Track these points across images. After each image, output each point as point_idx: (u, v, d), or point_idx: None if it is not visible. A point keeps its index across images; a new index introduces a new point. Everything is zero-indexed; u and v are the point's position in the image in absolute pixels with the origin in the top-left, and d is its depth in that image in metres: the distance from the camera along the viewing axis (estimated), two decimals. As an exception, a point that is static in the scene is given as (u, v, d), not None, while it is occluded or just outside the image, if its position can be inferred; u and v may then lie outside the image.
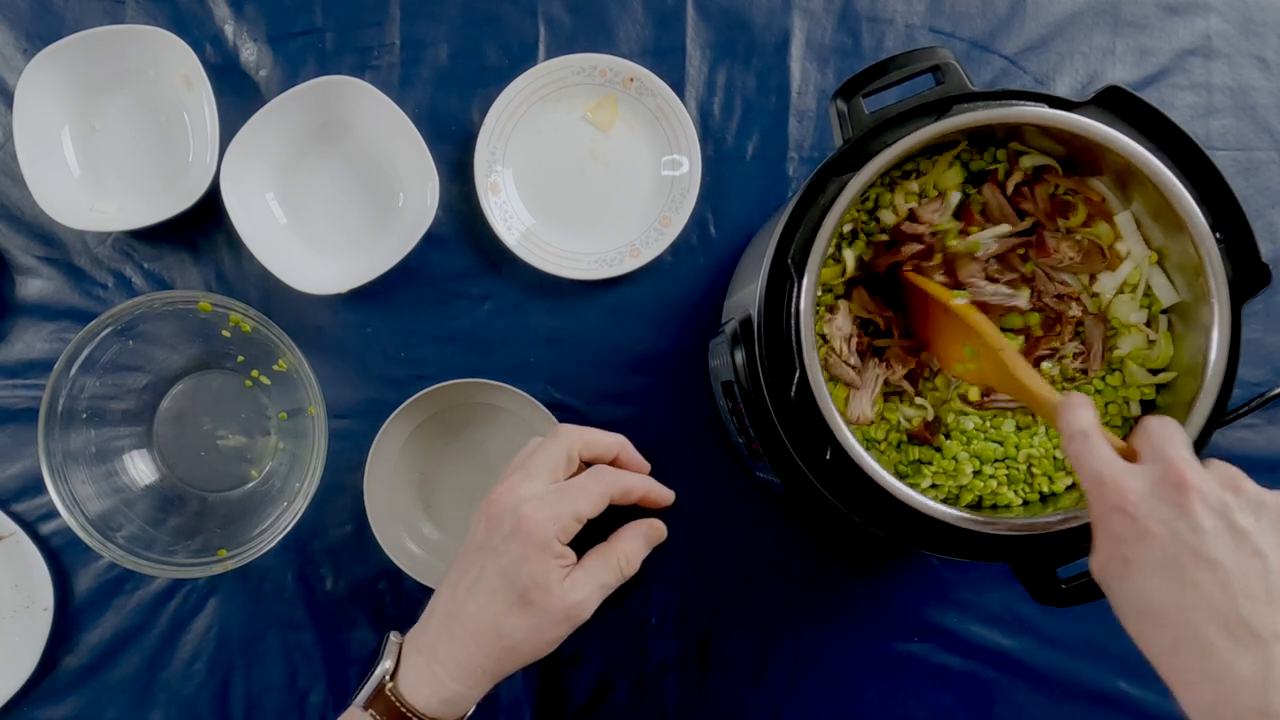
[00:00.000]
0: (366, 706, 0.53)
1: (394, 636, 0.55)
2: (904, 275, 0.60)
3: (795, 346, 0.54)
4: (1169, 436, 0.47)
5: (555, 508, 0.51)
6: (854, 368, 0.59)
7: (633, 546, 0.54)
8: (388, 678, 0.52)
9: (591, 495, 0.53)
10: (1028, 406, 0.58)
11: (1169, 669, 0.44)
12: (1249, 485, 0.45)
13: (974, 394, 0.60)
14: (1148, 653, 0.45)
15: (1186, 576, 0.42)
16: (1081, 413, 0.49)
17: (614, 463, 0.59)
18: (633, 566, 0.54)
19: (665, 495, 0.57)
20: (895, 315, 0.61)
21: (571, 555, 0.52)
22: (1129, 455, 0.48)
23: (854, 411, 0.59)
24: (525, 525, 0.51)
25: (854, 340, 0.59)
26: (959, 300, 0.58)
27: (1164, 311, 0.59)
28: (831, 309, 0.59)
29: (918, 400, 0.61)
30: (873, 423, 0.60)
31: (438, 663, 0.51)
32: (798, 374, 0.53)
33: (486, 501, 0.54)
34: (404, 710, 0.51)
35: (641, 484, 0.56)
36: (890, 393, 0.61)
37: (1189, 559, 0.42)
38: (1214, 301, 0.53)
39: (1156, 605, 0.43)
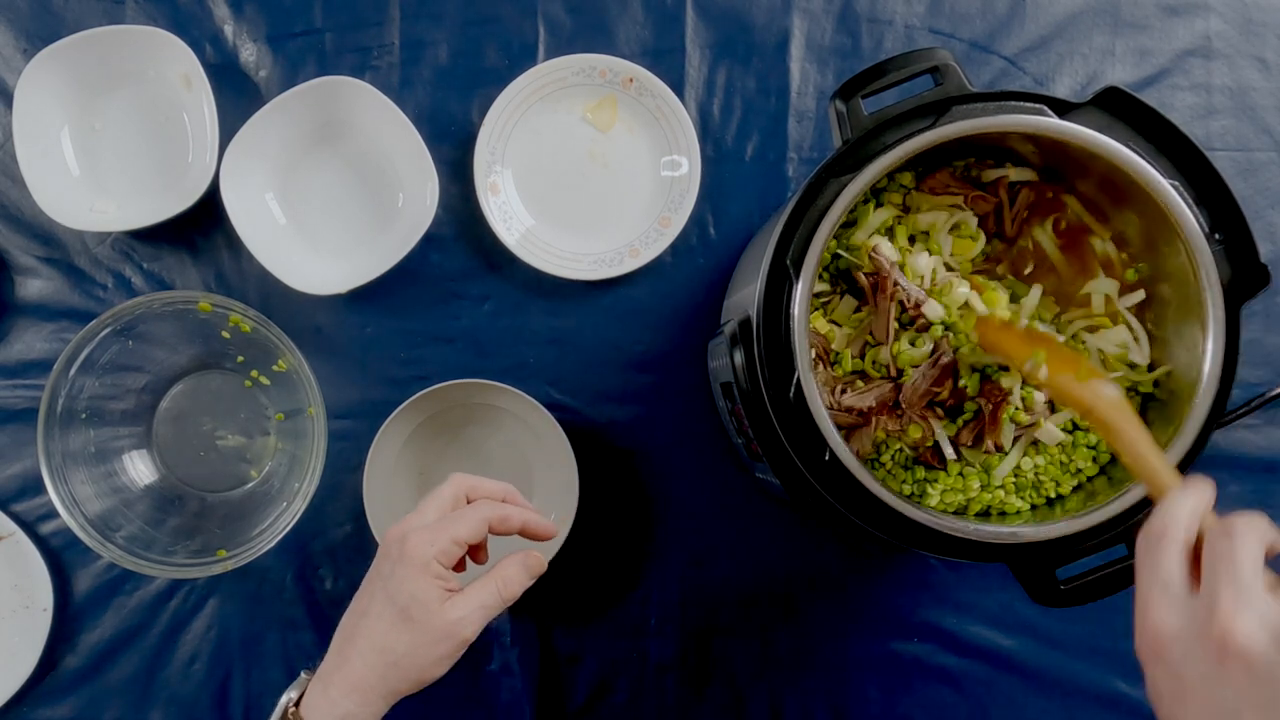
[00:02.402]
0: None
1: (304, 674, 0.59)
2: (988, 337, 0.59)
3: (791, 349, 0.54)
4: (1233, 556, 0.40)
5: (434, 533, 0.55)
6: (853, 414, 0.60)
7: (512, 572, 0.58)
8: (291, 705, 0.57)
9: (469, 521, 0.56)
10: (1130, 470, 0.52)
11: None
12: None
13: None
14: None
15: None
16: (1180, 510, 0.43)
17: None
18: (511, 590, 0.57)
19: (546, 527, 0.60)
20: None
21: (454, 579, 0.56)
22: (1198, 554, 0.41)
23: (855, 445, 0.60)
24: (407, 549, 0.55)
25: (839, 391, 0.60)
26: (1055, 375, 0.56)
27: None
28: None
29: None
30: (875, 456, 0.61)
31: (333, 685, 0.55)
32: (795, 376, 0.53)
33: (382, 539, 0.58)
34: None
35: (519, 515, 0.59)
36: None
37: None
38: (1208, 308, 0.54)
39: None
